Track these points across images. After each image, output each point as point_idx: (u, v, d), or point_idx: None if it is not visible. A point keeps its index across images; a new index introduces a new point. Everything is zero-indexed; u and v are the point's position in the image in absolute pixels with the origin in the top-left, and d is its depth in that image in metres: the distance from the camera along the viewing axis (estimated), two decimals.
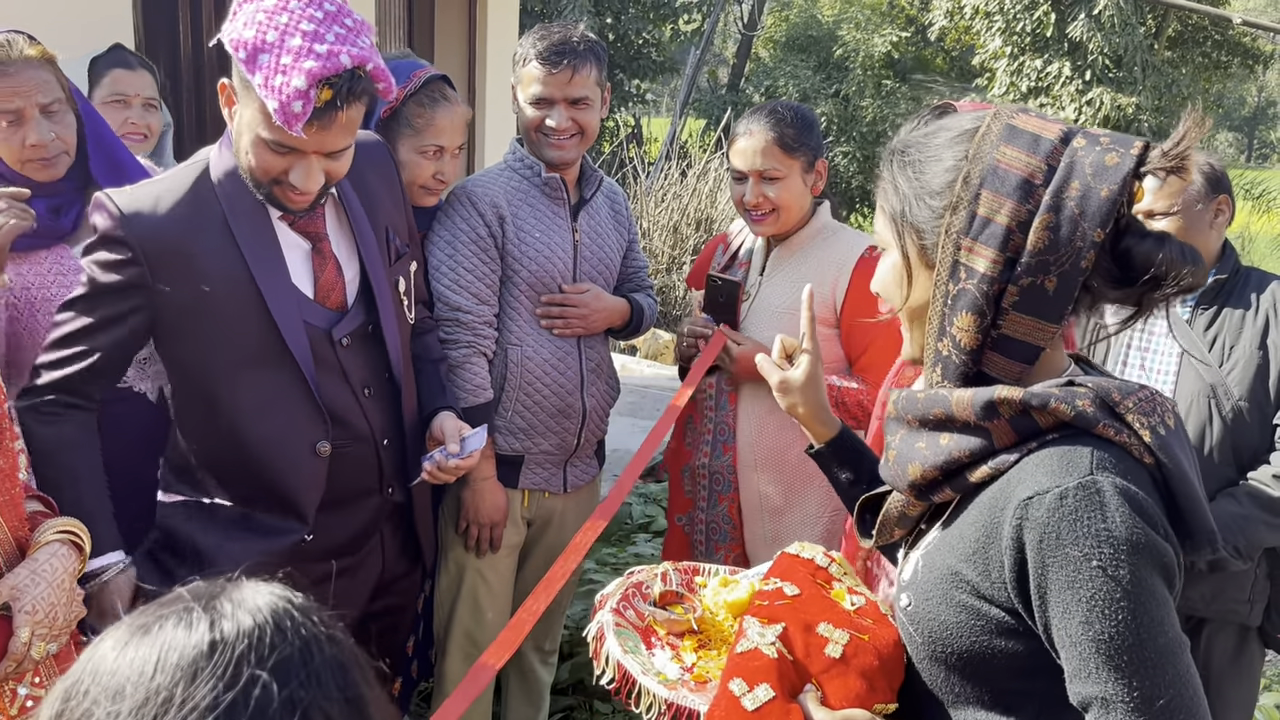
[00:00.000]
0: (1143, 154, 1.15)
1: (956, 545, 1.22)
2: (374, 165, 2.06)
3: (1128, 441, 1.14)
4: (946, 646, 1.22)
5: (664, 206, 9.76)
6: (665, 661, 1.43)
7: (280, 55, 1.66)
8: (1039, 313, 1.17)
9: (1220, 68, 14.76)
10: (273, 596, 0.75)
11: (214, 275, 1.83)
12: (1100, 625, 1.07)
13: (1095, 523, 1.08)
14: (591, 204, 2.63)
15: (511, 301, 2.51)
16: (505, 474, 2.55)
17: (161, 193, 1.84)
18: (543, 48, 2.43)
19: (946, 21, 15.14)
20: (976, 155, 1.20)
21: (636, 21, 15.68)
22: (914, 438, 1.27)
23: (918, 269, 1.27)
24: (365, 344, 2.00)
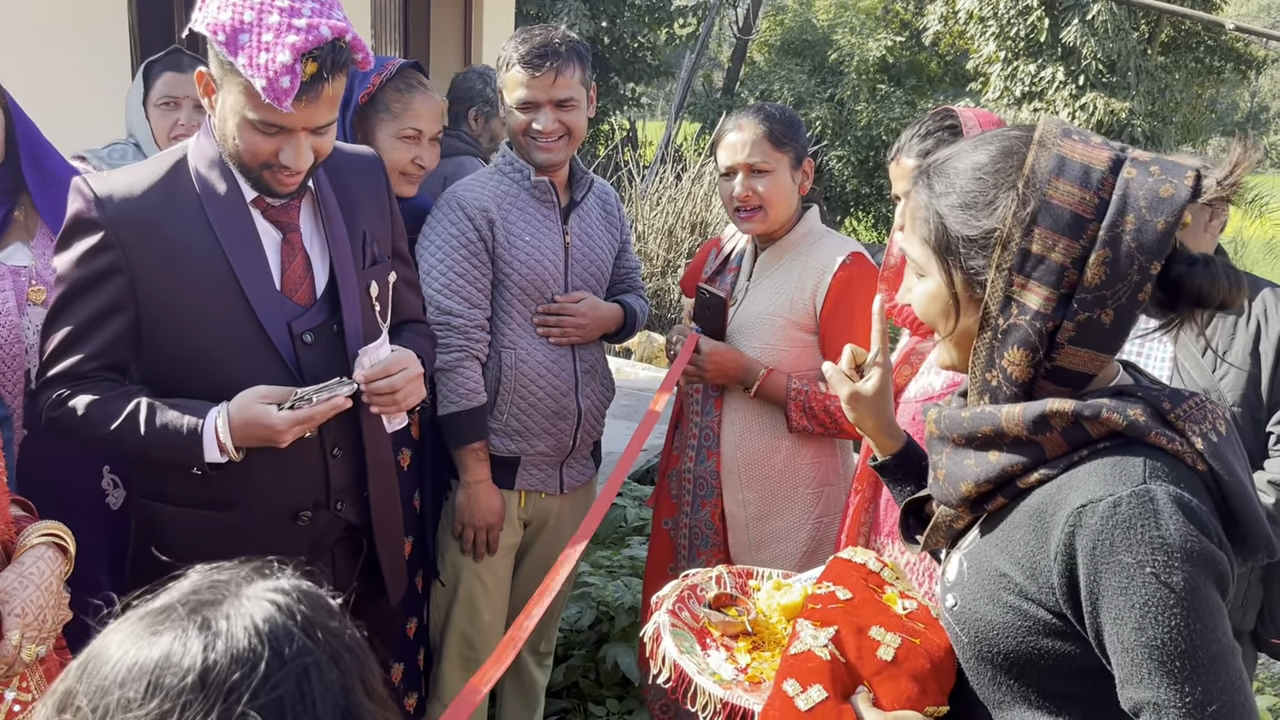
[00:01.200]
0: (1196, 184, 1.15)
1: (1004, 547, 1.22)
2: (360, 174, 2.04)
3: (1180, 449, 1.14)
4: (993, 646, 1.23)
5: (659, 210, 9.77)
6: (720, 662, 1.45)
7: (260, 33, 1.65)
8: (1095, 345, 1.17)
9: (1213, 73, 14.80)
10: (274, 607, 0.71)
11: (190, 259, 1.80)
12: (1153, 631, 1.08)
13: (1149, 530, 1.08)
14: (582, 206, 2.63)
15: (504, 305, 2.51)
16: (501, 476, 2.55)
17: (137, 177, 1.82)
18: (525, 51, 2.43)
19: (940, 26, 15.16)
20: (1028, 190, 1.18)
21: (631, 25, 15.69)
22: (961, 455, 1.26)
23: (964, 303, 1.25)
24: (328, 344, 1.93)
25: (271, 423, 1.75)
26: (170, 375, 1.86)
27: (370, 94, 2.46)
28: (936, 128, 2.01)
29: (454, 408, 2.43)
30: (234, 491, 1.88)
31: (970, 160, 1.24)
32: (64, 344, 1.81)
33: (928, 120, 2.05)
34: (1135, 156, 1.19)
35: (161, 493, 1.92)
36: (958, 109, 2.11)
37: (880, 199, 16.23)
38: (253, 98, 1.70)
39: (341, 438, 1.96)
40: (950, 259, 1.25)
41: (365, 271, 2.00)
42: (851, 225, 17.07)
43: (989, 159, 1.23)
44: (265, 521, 1.91)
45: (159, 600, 0.73)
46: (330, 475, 1.96)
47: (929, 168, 1.29)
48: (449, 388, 2.43)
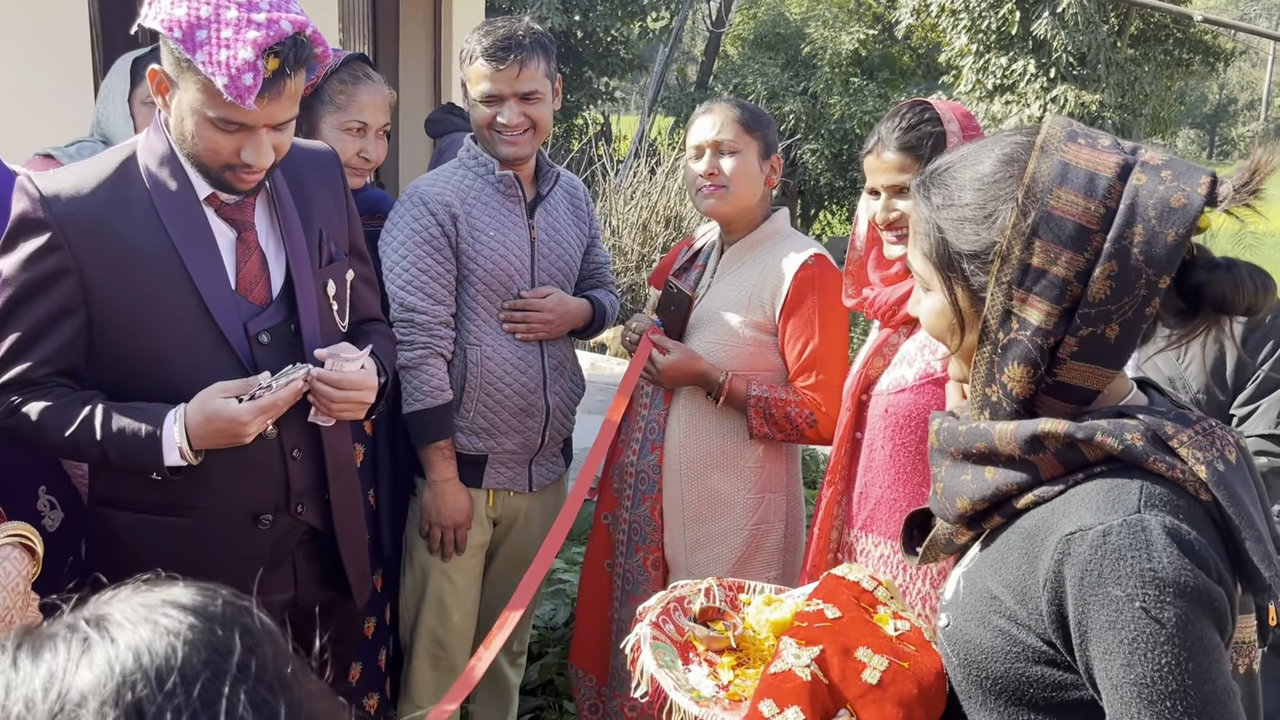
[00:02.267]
0: (1211, 191, 1.08)
1: (997, 569, 1.18)
2: (316, 169, 1.99)
3: (1181, 477, 1.08)
4: (983, 670, 1.19)
5: (633, 204, 9.74)
6: (701, 678, 1.41)
7: (219, 29, 1.61)
8: (1099, 361, 1.12)
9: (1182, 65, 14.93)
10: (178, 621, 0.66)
11: (142, 258, 1.75)
12: (1142, 668, 1.02)
13: (1140, 562, 1.03)
14: (549, 200, 2.59)
15: (469, 301, 2.48)
16: (469, 474, 2.51)
17: (84, 174, 1.77)
18: (488, 43, 2.39)
19: (913, 19, 15.22)
20: (1028, 200, 1.12)
21: (605, 19, 15.66)
22: (958, 470, 1.23)
23: (970, 318, 1.21)
24: (285, 345, 1.88)
25: (234, 415, 1.71)
26: (123, 378, 1.81)
27: (315, 85, 2.42)
28: (918, 120, 2.01)
29: (419, 405, 2.39)
30: (192, 495, 1.84)
31: (970, 170, 1.19)
32: (13, 350, 1.75)
33: (906, 112, 2.03)
34: (1146, 160, 1.13)
35: (116, 499, 1.87)
36: (933, 101, 2.09)
37: (854, 192, 16.28)
38: (213, 95, 1.66)
39: (301, 439, 1.92)
40: (952, 274, 1.20)
41: (322, 270, 1.95)
42: (825, 218, 17.13)
43: (990, 168, 1.18)
44: (225, 526, 1.86)
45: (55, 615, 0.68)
46: (290, 477, 1.92)
47: (927, 178, 1.24)
48: (413, 385, 2.40)
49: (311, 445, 1.95)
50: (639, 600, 2.55)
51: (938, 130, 2.00)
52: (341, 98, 2.40)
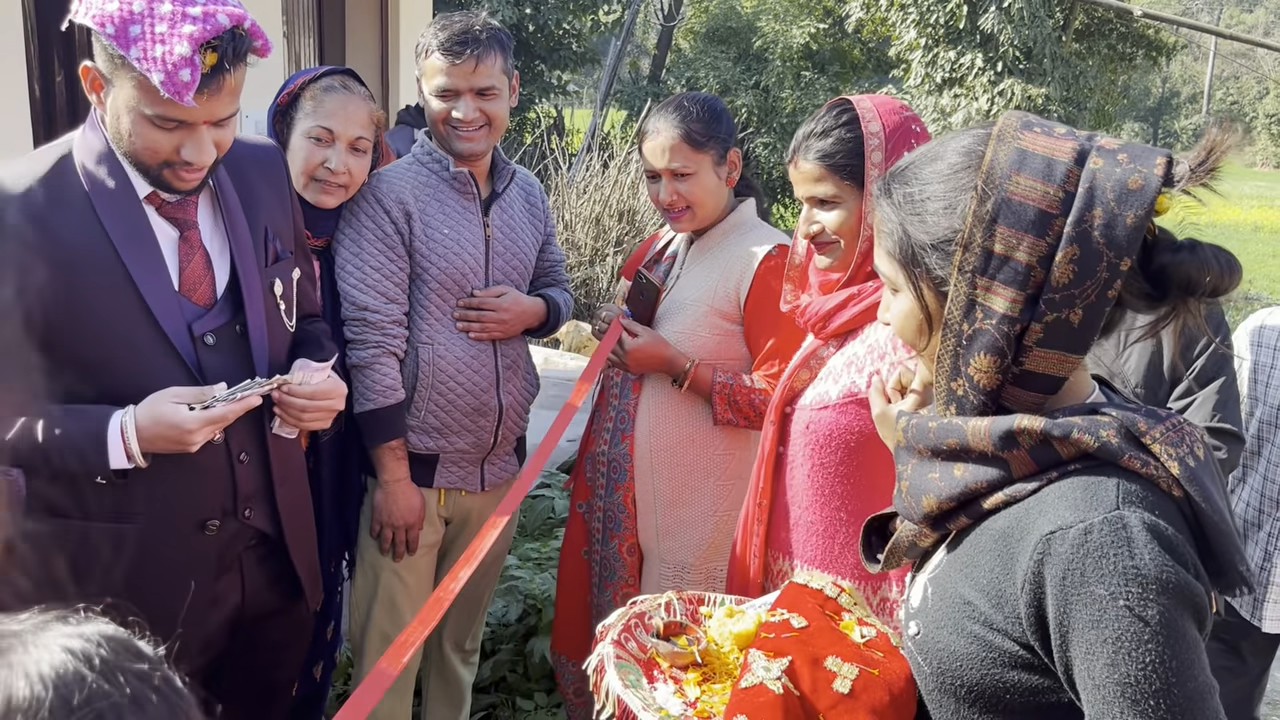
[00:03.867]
0: (1167, 171, 1.08)
1: (969, 573, 1.17)
2: (260, 165, 1.95)
3: (1154, 474, 1.08)
4: (957, 678, 1.17)
5: (586, 198, 9.72)
6: (668, 696, 1.38)
7: (153, 24, 1.56)
8: (1064, 346, 1.11)
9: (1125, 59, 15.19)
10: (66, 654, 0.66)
11: (81, 260, 1.70)
12: (1126, 668, 1.02)
13: (1122, 560, 1.02)
14: (504, 198, 2.58)
15: (422, 300, 2.46)
16: (420, 473, 2.50)
17: (17, 173, 1.71)
18: (444, 38, 2.36)
19: (863, 14, 15.34)
20: (986, 187, 1.12)
21: (556, 12, 15.58)
22: (926, 468, 1.21)
23: (937, 315, 1.20)
24: (231, 346, 1.84)
25: (181, 422, 1.67)
26: (64, 384, 1.74)
27: (292, 94, 2.37)
28: (834, 124, 1.91)
29: (370, 405, 2.37)
30: (136, 502, 1.79)
31: (930, 165, 1.20)
32: None
33: (823, 116, 1.93)
34: (1102, 145, 1.13)
35: (53, 506, 1.79)
36: (854, 99, 2.03)
37: None
38: (149, 92, 1.61)
39: (248, 442, 1.89)
40: (916, 270, 1.20)
41: (268, 269, 1.91)
42: (779, 212, 17.22)
43: (949, 161, 1.18)
44: (170, 533, 1.82)
45: None
46: (238, 481, 1.88)
47: (888, 178, 1.24)
48: (365, 384, 2.38)
49: (259, 448, 1.91)
50: (615, 586, 2.59)
51: (854, 135, 1.89)
52: (310, 104, 2.33)
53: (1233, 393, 2.38)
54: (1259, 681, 2.96)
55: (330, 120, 2.33)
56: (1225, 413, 2.36)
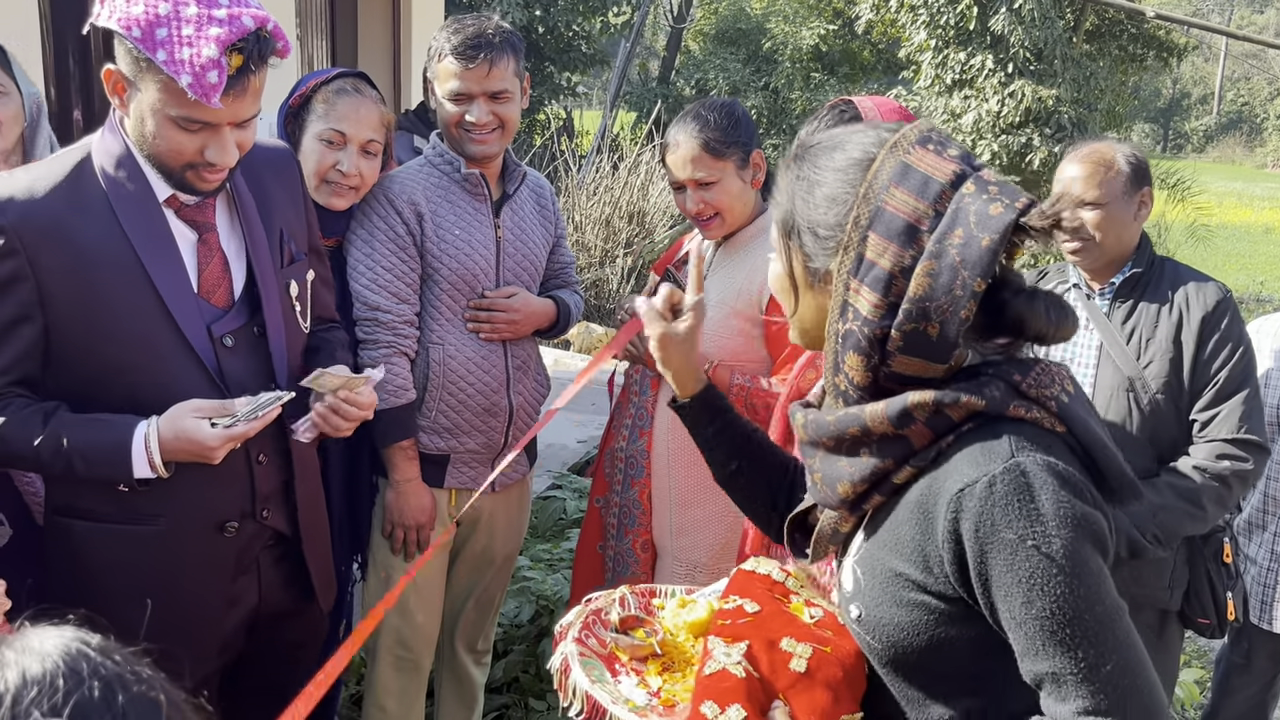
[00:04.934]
0: (1027, 208, 1.16)
1: (893, 547, 1.23)
2: (274, 168, 1.96)
3: (1038, 416, 1.17)
4: (905, 646, 1.24)
5: (596, 200, 9.73)
6: (632, 688, 1.41)
7: (180, 26, 1.58)
8: (925, 355, 1.18)
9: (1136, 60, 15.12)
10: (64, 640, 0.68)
11: (101, 264, 1.70)
12: (1041, 603, 1.10)
13: (1025, 504, 1.11)
14: (515, 199, 2.59)
15: (433, 300, 2.46)
16: (431, 473, 2.50)
17: (37, 177, 1.71)
18: (458, 41, 2.38)
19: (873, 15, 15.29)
20: (867, 194, 1.20)
21: (566, 14, 15.59)
22: (834, 458, 1.28)
23: (802, 288, 1.30)
24: (250, 347, 1.86)
25: (203, 439, 1.68)
26: (84, 386, 1.76)
27: (304, 96, 2.38)
28: (836, 122, 1.98)
29: (382, 405, 2.37)
30: (156, 504, 1.80)
31: (830, 155, 1.26)
32: None
33: (826, 114, 2.03)
34: (981, 175, 1.20)
35: (77, 508, 1.81)
36: (856, 99, 2.08)
37: None
38: (175, 94, 1.62)
39: (266, 443, 1.89)
40: (792, 242, 1.29)
41: (284, 270, 1.93)
42: None
43: (846, 157, 1.24)
44: (190, 535, 1.83)
45: None
46: (256, 482, 1.89)
47: (801, 149, 1.31)
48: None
49: (277, 449, 1.92)
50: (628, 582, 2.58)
51: None
52: (322, 107, 2.34)
53: (1256, 404, 2.37)
54: (1271, 686, 2.95)
55: (342, 123, 2.35)
56: (1250, 424, 2.34)
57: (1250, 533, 2.84)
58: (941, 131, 1.26)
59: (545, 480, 4.85)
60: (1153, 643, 2.53)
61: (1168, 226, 13.88)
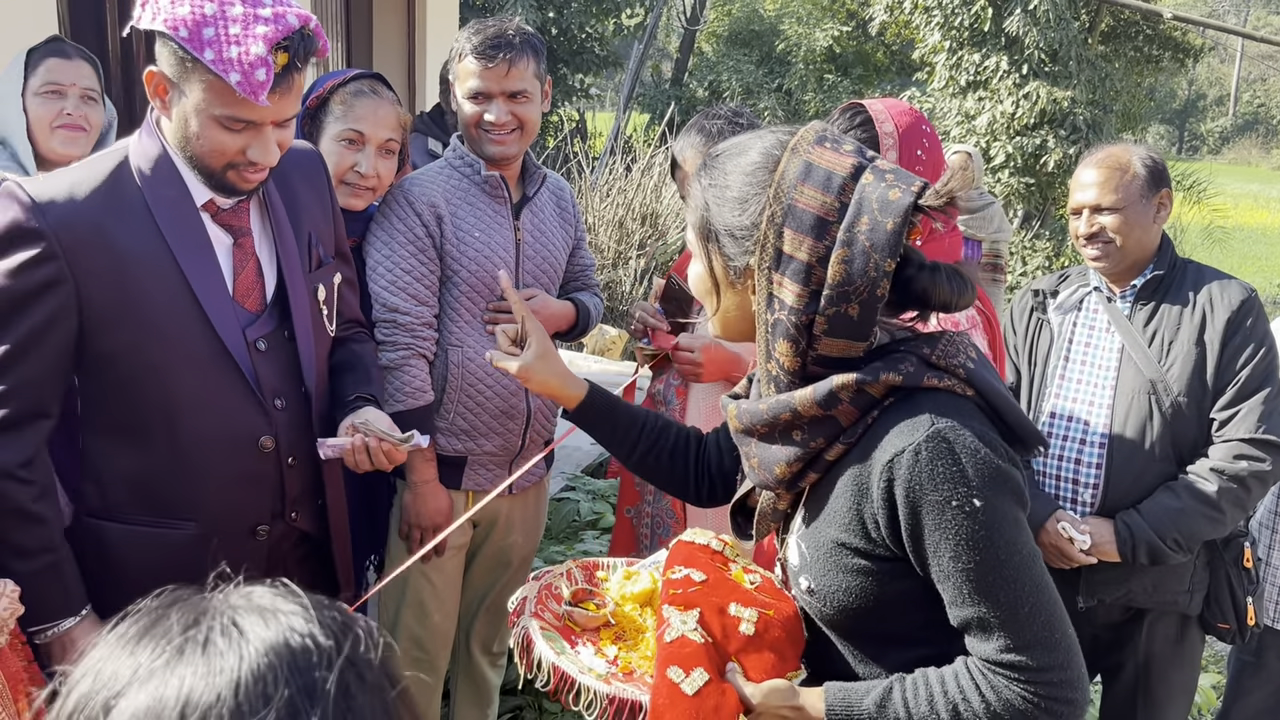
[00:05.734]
0: (921, 190, 1.26)
1: (833, 520, 1.34)
2: (301, 170, 1.97)
3: (950, 385, 1.29)
4: (855, 609, 1.34)
5: (609, 201, 9.73)
6: (591, 657, 1.48)
7: (227, 26, 1.59)
8: (847, 335, 1.29)
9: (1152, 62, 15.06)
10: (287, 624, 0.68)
11: (139, 268, 1.71)
12: (967, 557, 1.23)
13: (947, 467, 1.22)
14: (535, 201, 2.59)
15: (452, 302, 2.47)
16: (448, 475, 2.51)
17: (76, 180, 1.72)
18: (478, 41, 2.39)
19: (886, 16, 15.27)
20: (778, 195, 1.29)
21: (579, 16, 15.61)
22: (769, 441, 1.37)
23: (723, 286, 1.39)
24: (281, 351, 1.88)
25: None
26: (120, 388, 1.76)
27: (320, 98, 2.40)
28: (848, 126, 2.01)
29: (400, 406, 2.39)
30: (188, 508, 1.81)
31: (735, 160, 1.35)
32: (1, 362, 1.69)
33: (838, 118, 2.05)
34: (877, 165, 1.30)
35: (109, 511, 1.82)
36: (867, 102, 2.09)
37: None
38: (220, 93, 1.64)
39: (296, 445, 1.91)
40: (710, 245, 1.37)
41: (312, 274, 1.94)
42: None
43: (750, 161, 1.33)
44: (223, 538, 1.84)
45: (143, 625, 0.68)
46: (286, 485, 1.91)
47: (708, 159, 1.40)
48: (395, 386, 2.39)
49: (306, 451, 1.93)
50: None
51: (870, 135, 1.99)
52: (340, 108, 2.36)
53: (1277, 404, 2.34)
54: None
55: (361, 124, 2.36)
56: (1270, 424, 2.32)
57: (1261, 533, 2.82)
58: (835, 130, 1.37)
59: (559, 482, 4.86)
60: (1172, 649, 2.52)
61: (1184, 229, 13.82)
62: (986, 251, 6.21)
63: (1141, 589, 2.44)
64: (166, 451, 1.78)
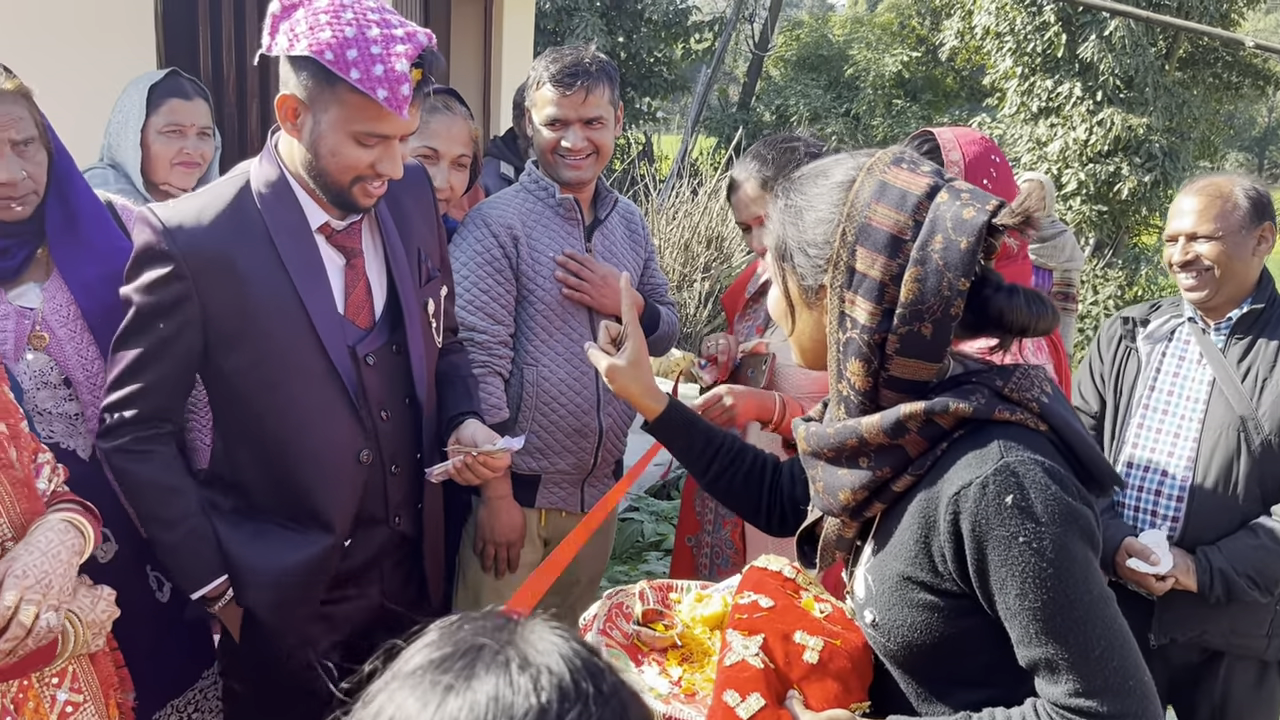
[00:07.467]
0: (997, 209, 1.25)
1: (899, 553, 1.32)
2: (409, 187, 2.05)
3: (1022, 418, 1.26)
4: (921, 645, 1.31)
5: (675, 224, 9.77)
6: (654, 677, 1.49)
7: (369, 46, 1.69)
8: (920, 355, 1.27)
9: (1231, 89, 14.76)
10: (568, 646, 0.69)
11: (258, 287, 1.82)
12: (1034, 595, 1.19)
13: (1016, 502, 1.19)
14: (606, 224, 2.65)
15: (527, 321, 2.52)
16: (522, 493, 2.55)
17: (204, 205, 1.84)
18: (556, 70, 2.46)
19: (957, 42, 15.17)
20: (851, 214, 1.29)
21: (648, 40, 15.75)
22: (835, 467, 1.37)
23: (798, 306, 1.39)
24: (389, 364, 1.98)
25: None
26: (240, 403, 1.90)
27: None
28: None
29: None
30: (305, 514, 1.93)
31: (814, 181, 1.36)
32: (130, 369, 1.84)
33: (907, 141, 2.05)
34: (953, 185, 1.29)
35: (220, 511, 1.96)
36: (936, 130, 2.10)
37: None
38: (360, 110, 1.73)
39: (399, 453, 2.01)
40: (785, 264, 1.38)
41: (422, 289, 2.03)
42: None
43: (829, 183, 1.34)
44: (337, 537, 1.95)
45: (426, 654, 0.70)
46: (389, 492, 2.01)
47: (787, 182, 1.41)
48: None
49: (409, 458, 2.03)
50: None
51: (937, 160, 2.00)
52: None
53: None
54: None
55: (435, 140, 2.47)
56: None
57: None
58: (913, 153, 1.36)
59: (623, 502, 4.89)
60: (1251, 694, 2.45)
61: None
62: (1058, 280, 6.13)
63: (1218, 630, 2.38)
64: (279, 461, 1.90)
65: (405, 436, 2.01)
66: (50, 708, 1.58)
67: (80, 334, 1.98)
